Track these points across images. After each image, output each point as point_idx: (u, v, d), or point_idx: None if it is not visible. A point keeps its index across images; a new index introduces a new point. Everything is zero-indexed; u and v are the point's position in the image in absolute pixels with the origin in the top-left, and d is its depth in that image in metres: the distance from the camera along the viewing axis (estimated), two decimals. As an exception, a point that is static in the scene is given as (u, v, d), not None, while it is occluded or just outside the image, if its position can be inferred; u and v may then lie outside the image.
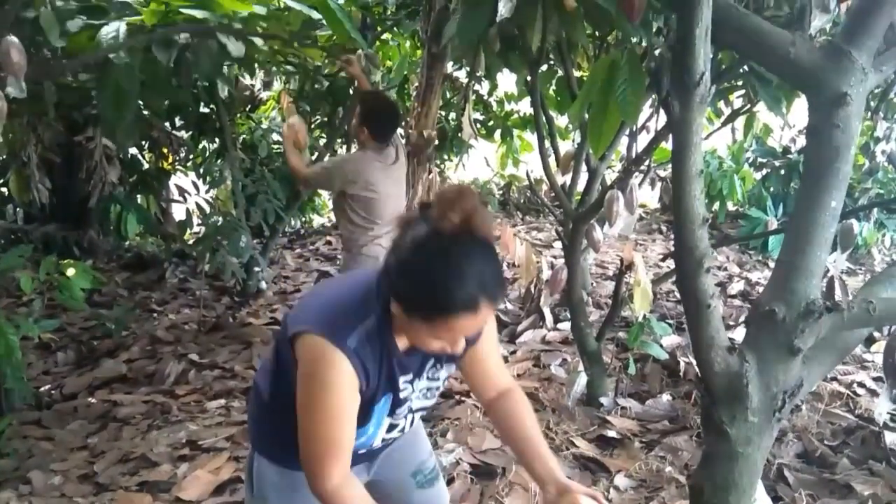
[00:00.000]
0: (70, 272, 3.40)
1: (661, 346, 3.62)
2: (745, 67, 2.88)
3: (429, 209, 1.27)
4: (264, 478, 1.57)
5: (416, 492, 1.74)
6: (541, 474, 1.46)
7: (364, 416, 1.39)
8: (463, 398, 3.59)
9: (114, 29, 2.96)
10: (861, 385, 3.63)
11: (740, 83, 3.41)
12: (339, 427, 1.33)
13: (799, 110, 3.60)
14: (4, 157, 5.76)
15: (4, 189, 6.11)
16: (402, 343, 1.39)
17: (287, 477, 1.53)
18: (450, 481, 2.75)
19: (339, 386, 1.30)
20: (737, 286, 5.50)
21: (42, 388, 3.96)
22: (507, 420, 1.57)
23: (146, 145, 6.30)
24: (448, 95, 7.37)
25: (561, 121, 6.47)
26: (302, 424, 1.35)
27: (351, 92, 5.72)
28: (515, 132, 8.44)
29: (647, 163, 3.18)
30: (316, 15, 3.07)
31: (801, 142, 7.19)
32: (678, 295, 5.16)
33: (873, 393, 3.55)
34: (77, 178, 5.93)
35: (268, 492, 1.57)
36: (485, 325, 1.33)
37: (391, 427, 1.52)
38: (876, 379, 3.68)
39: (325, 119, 6.54)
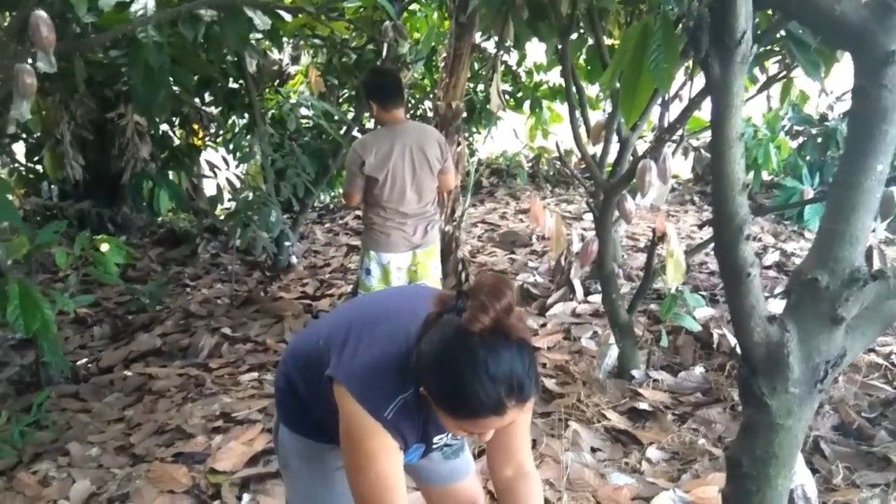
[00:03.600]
0: (104, 247, 3.43)
1: (694, 318, 3.57)
2: (783, 32, 2.79)
3: (462, 300, 1.23)
4: (286, 445, 1.62)
5: (443, 463, 1.75)
6: None
7: None
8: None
9: (142, 5, 2.97)
10: (900, 357, 3.55)
11: (777, 48, 3.31)
12: (389, 489, 1.34)
13: (837, 76, 3.49)
14: (38, 134, 5.83)
15: (39, 166, 6.20)
16: None
17: (307, 445, 1.58)
18: (480, 453, 2.75)
19: (381, 454, 1.32)
20: (772, 257, 5.40)
21: (79, 362, 4.03)
22: None
23: (177, 121, 6.34)
24: (476, 66, 7.30)
25: (591, 90, 6.39)
26: (352, 485, 1.37)
27: (379, 65, 5.68)
28: (545, 103, 8.35)
29: (679, 132, 3.11)
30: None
31: (839, 109, 7.00)
32: (711, 266, 5.13)
33: (913, 365, 3.48)
34: (110, 155, 5.99)
35: (289, 459, 1.63)
36: (514, 419, 1.27)
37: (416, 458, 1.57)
38: (916, 350, 3.61)
39: (354, 93, 6.51)
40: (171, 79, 3.64)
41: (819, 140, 6.88)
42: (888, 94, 1.36)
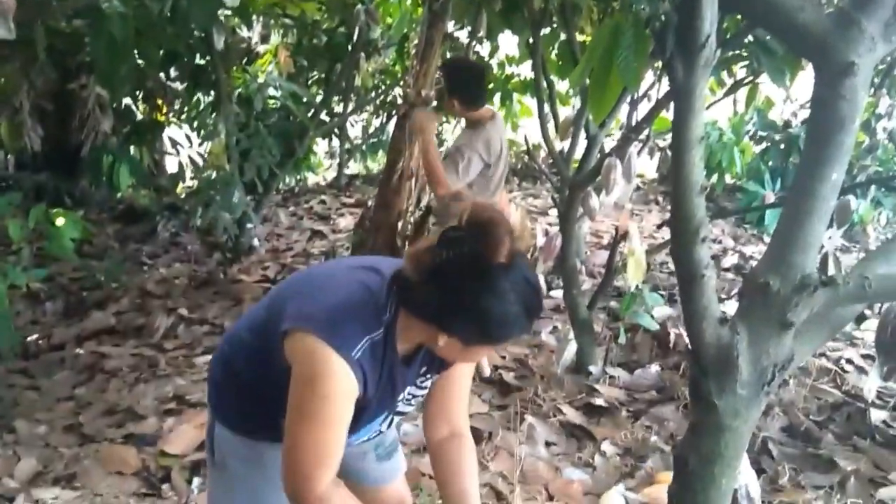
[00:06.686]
0: (60, 222, 3.37)
1: (653, 316, 3.61)
2: (750, 37, 2.83)
3: (463, 233, 1.21)
4: (226, 446, 1.52)
5: (375, 464, 1.73)
6: None
7: (352, 428, 1.35)
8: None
9: (106, -27, 2.90)
10: (849, 362, 3.64)
11: (744, 53, 3.36)
12: (333, 436, 1.29)
13: (802, 84, 3.55)
14: (-4, 103, 5.67)
15: (-5, 136, 6.03)
16: (402, 350, 1.36)
17: (249, 447, 1.49)
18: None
19: (339, 396, 1.26)
20: (731, 259, 5.49)
21: (29, 338, 3.95)
22: (450, 467, 1.55)
23: (140, 95, 6.22)
24: (448, 55, 7.26)
25: (561, 86, 6.40)
26: (292, 430, 1.29)
27: (349, 48, 5.63)
28: (515, 96, 8.34)
29: (646, 131, 3.13)
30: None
31: (803, 115, 7.12)
32: (671, 266, 5.16)
33: (861, 370, 3.56)
34: (70, 127, 5.85)
35: (229, 460, 1.52)
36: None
37: (371, 432, 1.53)
38: (865, 356, 3.69)
39: (323, 75, 6.45)
40: (135, 52, 3.57)
41: (782, 146, 6.99)
42: (846, 104, 1.38)
